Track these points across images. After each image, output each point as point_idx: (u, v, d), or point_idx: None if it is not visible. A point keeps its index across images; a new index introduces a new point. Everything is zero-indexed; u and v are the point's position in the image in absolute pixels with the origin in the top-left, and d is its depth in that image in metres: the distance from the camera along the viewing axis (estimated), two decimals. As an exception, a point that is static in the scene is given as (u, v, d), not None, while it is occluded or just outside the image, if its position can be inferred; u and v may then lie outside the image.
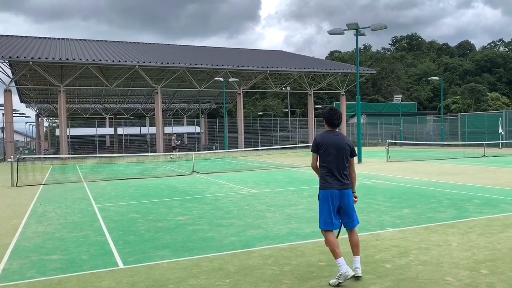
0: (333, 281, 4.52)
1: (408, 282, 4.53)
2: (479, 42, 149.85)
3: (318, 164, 4.91)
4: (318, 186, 4.87)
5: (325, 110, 5.04)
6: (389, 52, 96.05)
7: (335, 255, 4.61)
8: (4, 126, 35.11)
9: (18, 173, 15.43)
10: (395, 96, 52.76)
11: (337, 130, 4.96)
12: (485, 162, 20.05)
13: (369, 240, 6.30)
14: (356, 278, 4.62)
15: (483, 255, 5.41)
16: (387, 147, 22.64)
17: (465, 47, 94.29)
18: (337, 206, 4.74)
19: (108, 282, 4.78)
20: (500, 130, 34.90)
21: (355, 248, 4.83)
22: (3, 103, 33.81)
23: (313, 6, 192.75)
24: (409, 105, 60.43)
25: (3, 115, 36.47)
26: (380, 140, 47.55)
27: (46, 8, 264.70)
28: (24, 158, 27.27)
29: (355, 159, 5.09)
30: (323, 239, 6.40)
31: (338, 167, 4.77)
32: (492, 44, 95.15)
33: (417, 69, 78.78)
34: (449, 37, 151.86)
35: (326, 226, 4.73)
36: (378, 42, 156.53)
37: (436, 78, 44.78)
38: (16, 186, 14.79)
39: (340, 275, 4.48)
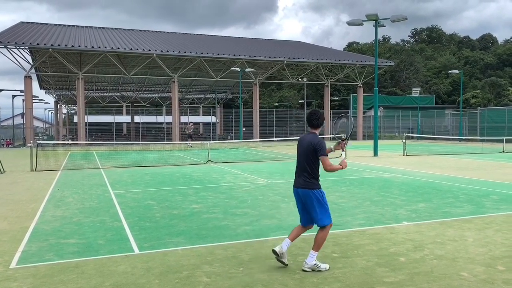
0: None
1: (422, 276, 4.51)
2: (501, 35, 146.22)
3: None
4: (317, 186, 4.82)
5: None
6: (409, 44, 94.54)
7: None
8: (24, 112, 35.77)
9: (37, 158, 15.72)
10: (414, 89, 51.95)
11: (315, 131, 4.92)
12: (504, 158, 19.69)
13: (383, 233, 6.27)
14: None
15: (500, 252, 5.34)
16: (404, 141, 22.39)
17: (487, 40, 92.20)
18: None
19: (124, 267, 4.86)
20: (521, 126, 34.17)
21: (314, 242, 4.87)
22: (23, 89, 34.38)
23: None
24: (427, 98, 59.54)
25: (23, 101, 37.15)
26: (397, 134, 47.05)
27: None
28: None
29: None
30: (337, 231, 6.40)
31: (299, 165, 4.90)
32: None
33: (437, 62, 77.43)
34: (471, 30, 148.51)
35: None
36: (398, 34, 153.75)
37: (456, 71, 43.92)
38: (35, 171, 15.08)
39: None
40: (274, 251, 4.80)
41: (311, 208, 4.81)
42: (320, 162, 4.80)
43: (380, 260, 5.04)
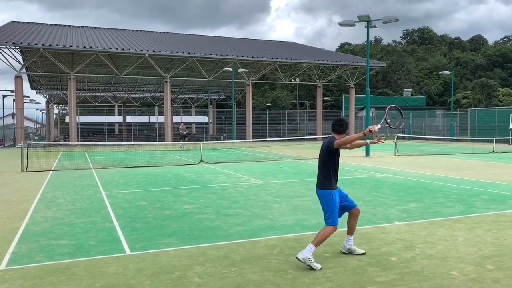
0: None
1: (413, 276, 4.54)
2: (491, 37, 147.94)
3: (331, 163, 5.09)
4: (328, 187, 5.00)
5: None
6: (400, 46, 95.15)
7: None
8: (15, 112, 35.46)
9: (28, 158, 15.60)
10: (405, 89, 52.41)
11: (335, 135, 5.13)
12: (494, 158, 19.88)
13: (375, 233, 6.30)
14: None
15: (489, 251, 5.39)
16: (395, 141, 22.52)
17: (477, 42, 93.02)
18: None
19: (115, 268, 4.84)
20: (511, 126, 34.51)
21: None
22: (14, 89, 34.08)
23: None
24: (418, 99, 59.94)
25: (14, 101, 36.81)
26: (388, 134, 47.28)
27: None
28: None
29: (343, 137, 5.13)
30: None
31: (318, 166, 5.19)
32: (505, 39, 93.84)
33: (428, 63, 78.00)
34: (461, 31, 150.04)
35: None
36: (389, 35, 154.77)
37: (447, 72, 44.27)
38: (26, 171, 14.96)
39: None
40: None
41: (321, 206, 5.09)
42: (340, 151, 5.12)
43: (371, 259, 5.07)
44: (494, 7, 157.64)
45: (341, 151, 5.23)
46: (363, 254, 5.23)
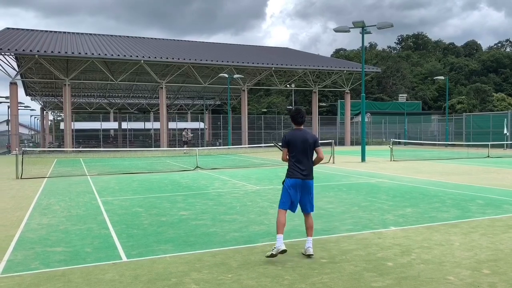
0: (267, 253, 5.29)
1: (409, 281, 4.55)
2: (484, 43, 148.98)
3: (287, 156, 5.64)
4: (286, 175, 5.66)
5: (292, 111, 5.80)
6: (395, 51, 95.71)
7: (280, 231, 5.38)
8: (9, 118, 35.30)
9: (23, 165, 15.52)
10: (400, 95, 52.62)
11: (302, 127, 5.68)
12: (489, 163, 19.98)
13: (371, 238, 6.31)
14: (308, 256, 5.38)
15: (485, 255, 5.41)
16: (391, 146, 22.59)
17: (471, 47, 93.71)
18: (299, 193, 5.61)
19: (111, 275, 4.82)
20: (505, 131, 34.72)
21: (309, 230, 5.59)
22: (8, 95, 33.96)
23: (319, 6, 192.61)
24: (414, 104, 60.22)
25: (8, 107, 36.67)
26: (384, 139, 47.42)
27: (55, 3, 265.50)
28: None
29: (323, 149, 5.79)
30: (325, 236, 6.42)
31: (303, 158, 5.57)
32: (499, 45, 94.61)
33: (423, 68, 78.46)
34: (456, 37, 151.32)
35: (284, 206, 5.59)
36: (384, 41, 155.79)
37: (442, 77, 44.60)
38: (21, 178, 14.88)
39: (274, 248, 5.27)
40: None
41: (311, 196, 5.70)
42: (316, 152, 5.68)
43: (368, 265, 5.07)
44: (487, 14, 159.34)
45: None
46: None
